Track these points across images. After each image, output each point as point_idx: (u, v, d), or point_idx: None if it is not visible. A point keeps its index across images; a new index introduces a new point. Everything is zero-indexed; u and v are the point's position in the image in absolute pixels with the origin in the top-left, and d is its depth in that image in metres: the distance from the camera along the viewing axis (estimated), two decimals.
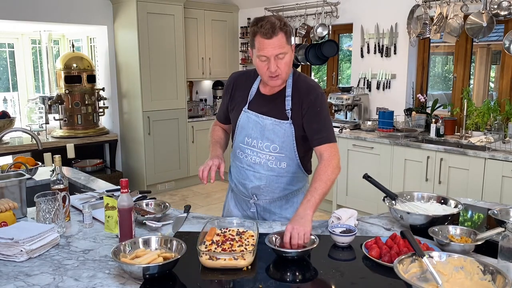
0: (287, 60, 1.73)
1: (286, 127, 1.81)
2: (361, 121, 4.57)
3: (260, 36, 1.69)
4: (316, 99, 1.81)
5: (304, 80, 1.86)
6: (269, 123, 1.83)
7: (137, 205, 1.93)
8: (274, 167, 1.85)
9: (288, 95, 1.82)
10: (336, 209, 3.50)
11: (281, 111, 1.82)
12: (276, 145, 1.83)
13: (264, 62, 1.72)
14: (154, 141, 5.17)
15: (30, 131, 2.77)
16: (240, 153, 1.91)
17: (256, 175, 1.87)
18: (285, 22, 1.72)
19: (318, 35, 4.93)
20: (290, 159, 1.85)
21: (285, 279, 1.42)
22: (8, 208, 1.73)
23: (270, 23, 1.68)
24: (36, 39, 5.44)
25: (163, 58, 5.11)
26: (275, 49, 1.68)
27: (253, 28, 1.71)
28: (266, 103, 1.85)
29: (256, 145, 1.85)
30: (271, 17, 1.71)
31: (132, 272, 1.34)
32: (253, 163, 1.87)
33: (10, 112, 4.97)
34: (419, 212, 1.74)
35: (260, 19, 1.71)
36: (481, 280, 1.25)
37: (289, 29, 1.73)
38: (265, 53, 1.70)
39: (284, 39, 1.70)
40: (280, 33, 1.69)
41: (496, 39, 4.42)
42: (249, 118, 1.86)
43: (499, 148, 3.42)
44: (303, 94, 1.81)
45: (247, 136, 1.87)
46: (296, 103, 1.81)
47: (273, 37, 1.67)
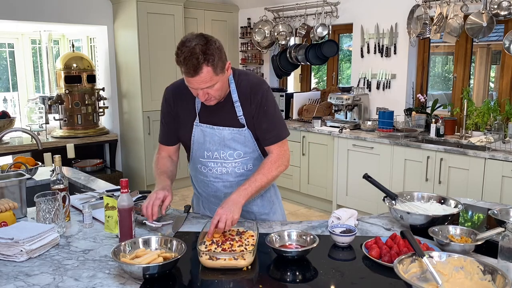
0: (217, 87, 1.62)
1: (245, 134, 1.77)
2: (361, 121, 4.57)
3: (183, 71, 1.57)
4: (263, 98, 1.75)
5: (246, 79, 1.77)
6: (227, 133, 1.76)
7: (137, 205, 1.93)
8: (242, 171, 1.83)
9: (236, 100, 1.75)
10: (336, 209, 3.50)
11: (234, 119, 1.75)
12: (239, 151, 1.79)
13: (193, 90, 1.63)
14: (154, 141, 5.16)
15: (30, 131, 2.77)
16: (203, 168, 1.84)
17: (226, 184, 1.84)
18: (211, 52, 1.53)
19: (318, 35, 4.93)
20: (255, 159, 1.84)
21: (285, 279, 1.42)
22: (8, 208, 1.73)
23: (193, 59, 1.51)
24: (36, 39, 5.44)
25: (163, 58, 5.11)
26: (201, 84, 1.58)
27: (177, 58, 1.56)
28: (216, 112, 1.75)
29: (218, 156, 1.79)
30: (196, 48, 1.52)
31: (132, 272, 1.34)
32: (220, 174, 1.83)
33: (10, 112, 4.96)
34: (419, 212, 1.74)
35: (184, 48, 1.53)
36: (481, 280, 1.25)
37: (216, 59, 1.55)
38: (191, 86, 1.61)
39: (210, 72, 1.55)
40: (205, 68, 1.54)
41: (496, 39, 4.42)
42: (204, 131, 1.78)
43: (499, 148, 3.42)
44: (249, 95, 1.74)
45: (206, 150, 1.79)
46: (246, 105, 1.75)
47: (196, 76, 1.55)
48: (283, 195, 4.82)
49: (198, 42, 1.55)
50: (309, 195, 4.80)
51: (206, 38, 1.58)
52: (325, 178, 4.57)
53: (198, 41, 1.55)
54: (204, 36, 1.59)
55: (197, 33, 1.60)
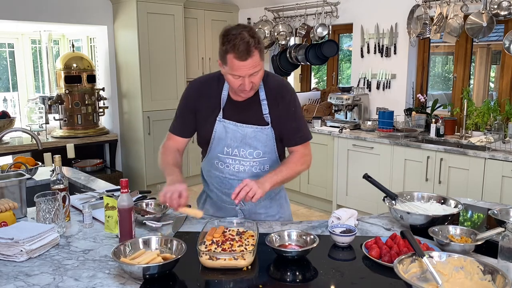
0: (261, 74, 1.67)
1: (268, 132, 1.79)
2: (361, 121, 4.57)
3: (233, 57, 1.57)
4: (291, 99, 1.79)
5: (274, 80, 1.81)
6: (250, 131, 1.77)
7: (137, 205, 1.93)
8: (258, 171, 1.83)
9: (263, 98, 1.77)
10: (336, 209, 3.50)
11: (259, 117, 1.77)
12: (259, 150, 1.80)
13: (238, 79, 1.63)
14: (154, 141, 5.16)
15: (30, 131, 2.77)
16: (220, 164, 1.84)
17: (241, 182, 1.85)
18: (258, 38, 1.60)
19: (318, 35, 4.93)
20: (272, 160, 1.85)
21: (285, 279, 1.42)
22: (8, 208, 1.73)
23: (244, 43, 1.55)
24: (36, 39, 5.44)
25: (163, 58, 5.11)
26: (250, 69, 1.60)
27: (224, 47, 1.58)
28: (241, 110, 1.77)
29: (238, 154, 1.80)
30: (244, 33, 1.57)
31: (132, 272, 1.34)
32: (237, 172, 1.83)
33: (10, 112, 4.96)
34: (419, 212, 1.74)
35: (231, 36, 1.57)
36: (481, 280, 1.25)
37: (262, 45, 1.62)
38: (240, 74, 1.61)
39: (258, 57, 1.60)
40: (255, 52, 1.58)
41: (496, 39, 4.42)
42: (226, 128, 1.78)
43: (499, 148, 3.42)
44: (277, 95, 1.78)
45: (226, 146, 1.80)
46: (273, 105, 1.77)
47: (248, 59, 1.57)
48: None
49: (243, 29, 1.59)
50: (309, 195, 4.80)
51: (248, 25, 1.66)
52: (325, 178, 4.57)
53: (242, 28, 1.60)
54: (245, 24, 1.66)
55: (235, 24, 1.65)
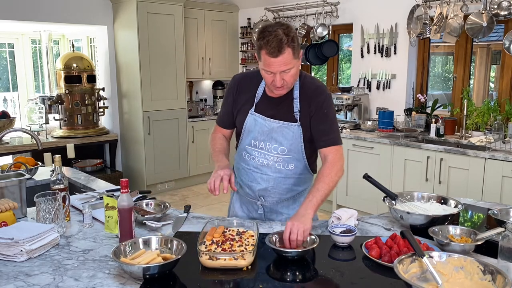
0: (293, 72, 1.69)
1: (295, 130, 1.80)
2: (361, 121, 4.57)
3: (265, 53, 1.63)
4: (325, 100, 1.80)
5: (311, 82, 1.84)
6: (276, 126, 1.81)
7: (137, 205, 1.93)
8: (282, 168, 1.85)
9: (296, 97, 1.80)
10: (336, 209, 3.50)
11: (289, 113, 1.80)
12: (284, 147, 1.82)
13: (270, 75, 1.68)
14: (154, 141, 5.17)
15: (30, 131, 2.77)
16: (247, 155, 1.89)
17: (264, 177, 1.86)
18: (293, 36, 1.62)
19: (318, 35, 4.93)
20: (298, 161, 1.85)
21: (285, 279, 1.42)
22: (8, 208, 1.73)
23: (277, 40, 1.59)
24: (36, 39, 5.44)
25: (163, 58, 5.11)
26: (281, 66, 1.64)
27: (258, 42, 1.64)
28: (273, 106, 1.82)
29: (264, 147, 1.84)
30: (279, 31, 1.61)
31: (132, 272, 1.34)
32: (261, 165, 1.85)
33: (10, 112, 4.96)
34: (419, 212, 1.74)
35: (266, 32, 1.63)
36: (481, 280, 1.25)
37: (296, 43, 1.64)
38: (271, 70, 1.66)
39: (291, 55, 1.63)
40: (287, 49, 1.61)
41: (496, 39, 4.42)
42: (256, 121, 1.84)
43: (499, 148, 3.42)
44: (311, 95, 1.80)
45: (254, 138, 1.85)
46: (305, 104, 1.80)
47: (279, 56, 1.61)
48: None
49: (280, 26, 1.63)
50: None
51: (287, 24, 1.68)
52: None
53: (279, 26, 1.63)
54: (284, 23, 1.68)
55: (275, 22, 1.69)
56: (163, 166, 5.29)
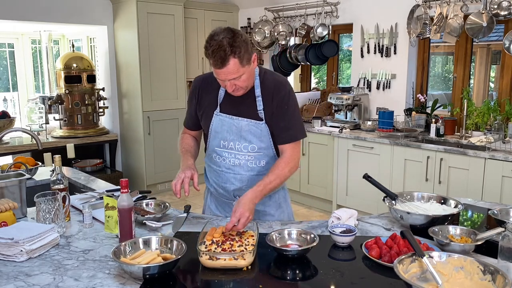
0: (244, 78, 1.67)
1: (262, 128, 1.81)
2: (361, 121, 4.57)
3: (211, 64, 1.63)
4: (285, 96, 1.80)
5: (271, 78, 1.83)
6: (244, 124, 1.80)
7: (137, 205, 1.93)
8: (254, 166, 1.85)
9: (258, 95, 1.80)
10: (336, 209, 3.50)
11: (254, 112, 1.80)
12: (254, 145, 1.82)
13: (220, 81, 1.69)
14: (154, 141, 5.17)
15: (30, 131, 2.77)
16: (217, 157, 1.88)
17: (237, 176, 1.86)
18: (238, 45, 1.59)
19: (318, 35, 4.92)
20: (268, 156, 1.86)
21: (285, 279, 1.42)
22: (8, 208, 1.73)
23: (220, 51, 1.57)
24: (36, 39, 5.44)
25: (163, 58, 5.11)
26: (228, 76, 1.64)
27: (206, 51, 1.63)
28: (237, 104, 1.81)
29: (233, 147, 1.83)
30: (223, 41, 1.57)
31: (132, 272, 1.34)
32: (232, 165, 1.85)
33: (10, 112, 4.96)
34: (419, 212, 1.74)
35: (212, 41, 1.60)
36: (481, 280, 1.25)
37: (243, 51, 1.61)
38: (219, 78, 1.67)
39: (237, 65, 1.61)
40: (232, 60, 1.59)
41: (496, 39, 4.42)
42: (222, 121, 1.83)
43: (499, 148, 3.42)
44: (272, 92, 1.80)
45: (223, 139, 1.84)
46: (267, 102, 1.80)
47: (224, 67, 1.60)
48: None
49: (226, 35, 1.60)
50: (309, 195, 4.80)
51: (233, 31, 1.64)
52: (325, 178, 4.57)
53: (225, 34, 1.60)
54: (231, 29, 1.64)
55: (225, 27, 1.65)
56: (163, 166, 5.28)
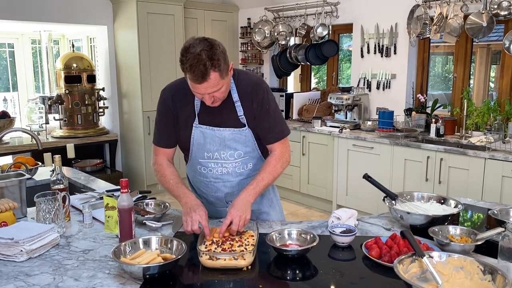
0: (223, 89, 1.61)
1: (247, 133, 1.77)
2: (361, 121, 4.57)
3: (190, 78, 1.54)
4: (264, 97, 1.76)
5: (246, 79, 1.77)
6: (227, 133, 1.75)
7: (137, 205, 1.93)
8: (242, 171, 1.83)
9: (237, 100, 1.73)
10: (336, 209, 3.50)
11: (235, 119, 1.75)
12: (240, 151, 1.80)
13: (198, 94, 1.61)
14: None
15: (30, 131, 2.77)
16: (203, 168, 1.83)
17: (227, 184, 1.84)
18: (217, 57, 1.50)
19: (318, 35, 4.92)
20: (254, 158, 1.85)
21: (285, 279, 1.42)
22: (8, 208, 1.73)
23: (200, 65, 1.48)
24: (36, 39, 5.44)
25: (163, 58, 5.11)
26: (208, 89, 1.56)
27: (182, 66, 1.52)
28: (216, 114, 1.73)
29: (219, 157, 1.79)
30: (202, 54, 1.48)
31: (132, 272, 1.34)
32: (220, 175, 1.83)
33: (10, 112, 4.96)
34: (419, 212, 1.74)
35: (189, 54, 1.49)
36: (481, 280, 1.25)
37: (223, 63, 1.53)
38: (198, 92, 1.59)
39: (217, 78, 1.53)
40: (213, 74, 1.51)
41: (496, 39, 4.42)
42: (204, 133, 1.76)
43: (499, 148, 3.42)
44: (250, 95, 1.74)
45: (206, 151, 1.78)
46: (247, 105, 1.74)
47: (204, 82, 1.52)
48: (283, 195, 4.83)
49: (204, 47, 1.51)
50: (309, 195, 4.80)
51: (210, 42, 1.54)
52: (325, 178, 4.57)
53: (203, 46, 1.51)
54: (208, 40, 1.55)
55: (199, 37, 1.55)
56: None
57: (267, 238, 1.56)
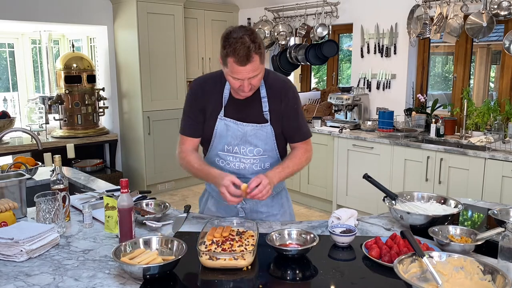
0: (260, 77, 1.67)
1: (268, 130, 1.80)
2: (361, 121, 4.57)
3: (233, 62, 1.58)
4: (293, 96, 1.81)
5: (275, 78, 1.82)
6: (249, 129, 1.78)
7: (137, 205, 1.93)
8: (259, 169, 1.84)
9: (264, 96, 1.77)
10: (336, 209, 3.50)
11: (259, 114, 1.78)
12: (260, 148, 1.81)
13: (237, 81, 1.64)
14: (154, 141, 5.17)
15: (30, 131, 2.77)
16: (221, 161, 1.85)
17: (242, 180, 1.81)
18: (259, 42, 1.59)
19: (318, 35, 4.93)
20: (272, 158, 1.86)
21: (285, 279, 1.42)
22: (8, 208, 1.73)
23: (245, 48, 1.55)
24: (36, 39, 5.44)
25: (163, 58, 5.11)
26: (249, 73, 1.61)
27: (225, 50, 1.58)
28: (242, 108, 1.78)
29: (238, 151, 1.81)
30: (245, 38, 1.56)
31: (133, 272, 1.34)
32: (237, 169, 1.84)
33: (10, 112, 4.96)
34: (419, 212, 1.74)
35: (232, 39, 1.56)
36: (481, 280, 1.25)
37: (263, 48, 1.62)
38: (239, 77, 1.62)
39: (258, 61, 1.60)
40: (255, 57, 1.58)
41: (496, 39, 4.42)
42: (227, 126, 1.79)
43: (499, 148, 3.42)
44: (279, 92, 1.78)
45: (227, 144, 1.81)
46: (274, 102, 1.78)
47: (248, 64, 1.58)
48: None
49: (245, 32, 1.59)
50: (309, 195, 4.80)
51: (250, 29, 1.64)
52: (325, 178, 4.57)
53: (244, 31, 1.59)
54: (247, 27, 1.65)
55: (237, 26, 1.64)
56: (163, 166, 5.28)
57: (267, 238, 1.56)
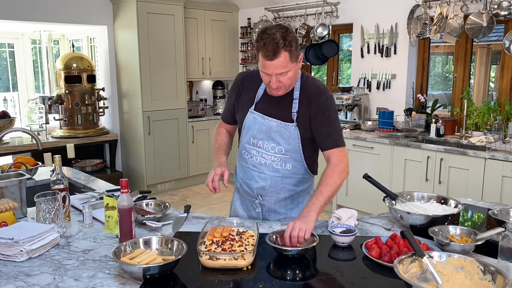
0: (290, 75, 1.69)
1: (292, 130, 1.81)
2: (361, 121, 4.57)
3: (262, 55, 1.65)
4: (325, 102, 1.80)
5: (312, 83, 1.84)
6: (274, 125, 1.82)
7: (137, 205, 1.93)
8: (279, 168, 1.85)
9: (296, 98, 1.81)
10: (336, 209, 3.50)
11: (288, 114, 1.81)
12: (281, 147, 1.83)
13: (267, 76, 1.70)
14: (154, 141, 5.17)
15: (30, 131, 2.77)
16: (246, 154, 1.91)
17: (261, 175, 1.87)
18: (290, 40, 1.63)
19: (318, 35, 4.92)
20: (296, 161, 1.85)
21: (285, 279, 1.42)
22: (8, 208, 1.73)
23: (273, 43, 1.61)
24: (36, 39, 5.44)
25: (163, 58, 5.11)
26: (277, 69, 1.65)
27: (257, 44, 1.66)
28: (273, 104, 1.83)
29: (261, 146, 1.85)
30: (276, 34, 1.62)
31: (133, 272, 1.34)
32: (258, 164, 1.87)
33: (10, 112, 4.96)
34: (419, 212, 1.74)
35: (265, 35, 1.64)
36: (481, 280, 1.25)
37: (294, 47, 1.65)
38: (267, 72, 1.68)
39: (287, 58, 1.63)
40: (283, 53, 1.62)
41: (496, 39, 4.42)
42: (255, 119, 1.85)
43: (499, 148, 3.42)
44: (312, 97, 1.80)
45: (253, 137, 1.87)
46: (304, 106, 1.80)
47: (275, 60, 1.62)
48: None
49: (279, 29, 1.64)
50: None
51: (286, 27, 1.68)
52: None
53: (278, 28, 1.65)
54: (283, 25, 1.69)
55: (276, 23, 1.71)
56: (163, 166, 5.29)
57: (267, 238, 1.56)
